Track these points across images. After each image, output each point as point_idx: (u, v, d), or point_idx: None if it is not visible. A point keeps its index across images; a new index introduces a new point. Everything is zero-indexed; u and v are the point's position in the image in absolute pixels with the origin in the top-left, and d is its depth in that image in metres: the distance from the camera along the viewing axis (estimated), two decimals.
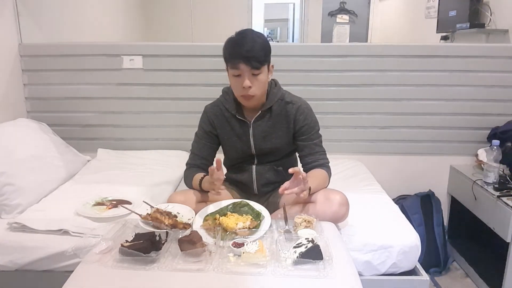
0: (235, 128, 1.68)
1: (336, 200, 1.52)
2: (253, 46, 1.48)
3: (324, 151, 1.68)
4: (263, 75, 1.53)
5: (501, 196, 1.96)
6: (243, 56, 1.47)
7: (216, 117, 1.69)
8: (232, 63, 1.50)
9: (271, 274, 1.17)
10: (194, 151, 1.73)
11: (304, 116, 1.65)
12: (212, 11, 4.67)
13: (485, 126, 2.42)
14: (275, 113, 1.65)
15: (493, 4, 2.90)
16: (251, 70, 1.49)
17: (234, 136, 1.69)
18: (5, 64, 2.29)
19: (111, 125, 2.51)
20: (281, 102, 1.66)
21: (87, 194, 1.85)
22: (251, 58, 1.47)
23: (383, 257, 1.59)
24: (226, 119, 1.68)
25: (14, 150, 1.87)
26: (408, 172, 2.53)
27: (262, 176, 1.72)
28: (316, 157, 1.65)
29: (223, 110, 1.68)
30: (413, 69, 2.38)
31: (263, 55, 1.50)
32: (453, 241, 2.44)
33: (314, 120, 1.68)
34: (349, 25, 5.27)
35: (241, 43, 1.49)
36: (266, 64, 1.54)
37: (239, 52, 1.48)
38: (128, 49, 2.41)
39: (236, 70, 1.50)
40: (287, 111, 1.65)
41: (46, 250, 1.53)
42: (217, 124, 1.70)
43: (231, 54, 1.51)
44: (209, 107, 1.73)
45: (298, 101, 1.68)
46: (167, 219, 1.38)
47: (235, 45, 1.51)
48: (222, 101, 1.70)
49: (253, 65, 1.48)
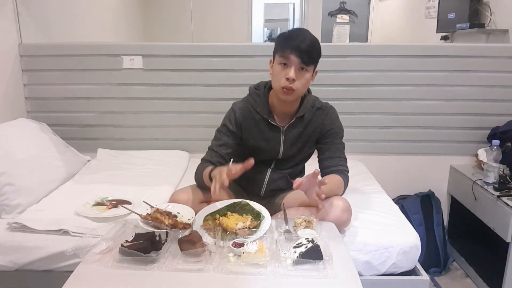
0: (265, 132, 1.65)
1: (339, 206, 1.51)
2: (308, 42, 1.48)
3: (345, 158, 1.66)
4: (308, 74, 1.52)
5: (501, 196, 1.96)
6: (297, 48, 1.46)
7: (244, 119, 1.64)
8: (283, 52, 1.48)
9: (271, 274, 1.17)
10: (213, 147, 1.65)
11: (331, 121, 1.66)
12: (212, 11, 4.67)
13: (485, 126, 2.42)
14: (306, 120, 1.65)
15: (493, 4, 2.90)
16: (299, 64, 1.48)
17: (262, 140, 1.65)
18: (5, 64, 2.29)
19: (111, 125, 2.51)
20: (313, 108, 1.65)
21: (87, 194, 1.85)
22: (303, 52, 1.46)
23: (383, 257, 1.59)
24: (255, 122, 1.64)
25: (14, 150, 1.87)
26: (408, 172, 2.53)
27: (274, 182, 1.71)
28: (336, 162, 1.62)
29: (253, 113, 1.64)
30: (413, 69, 2.39)
31: (315, 53, 1.51)
32: (453, 241, 2.45)
33: (340, 126, 1.68)
34: (349, 25, 5.28)
35: (298, 35, 1.50)
36: (314, 65, 1.54)
37: (294, 43, 1.47)
38: (128, 49, 2.41)
39: (284, 59, 1.49)
40: (317, 117, 1.65)
41: (46, 250, 1.53)
42: (244, 126, 1.65)
43: (284, 43, 1.49)
44: (239, 106, 1.67)
45: (327, 106, 1.69)
46: (167, 219, 1.38)
47: (292, 35, 1.51)
48: (252, 103, 1.65)
49: (303, 59, 1.47)
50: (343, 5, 5.72)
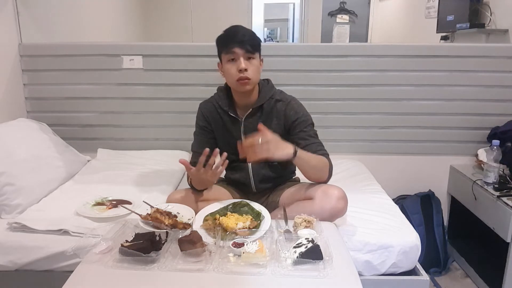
0: (227, 125, 1.71)
1: (334, 194, 1.52)
2: (245, 33, 1.58)
3: (320, 143, 1.66)
4: (256, 61, 1.61)
5: (501, 196, 1.96)
6: (238, 40, 1.56)
7: (210, 113, 1.73)
8: (228, 48, 1.57)
9: (271, 274, 1.17)
10: (193, 149, 1.74)
11: (294, 111, 1.66)
12: (212, 11, 4.68)
13: (485, 126, 2.42)
14: (265, 111, 1.68)
15: (493, 4, 2.90)
16: (245, 54, 1.56)
17: (226, 133, 1.71)
18: (5, 64, 2.29)
19: (111, 125, 2.51)
20: (272, 100, 1.68)
21: (87, 194, 1.85)
22: (245, 42, 1.56)
23: (383, 257, 1.59)
24: (219, 115, 1.71)
25: (14, 150, 1.87)
26: (408, 172, 2.53)
27: (259, 173, 1.73)
28: (313, 148, 1.62)
29: (216, 107, 1.72)
30: (413, 69, 2.38)
31: (255, 42, 1.60)
32: (453, 241, 2.44)
33: (306, 114, 1.69)
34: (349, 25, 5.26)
35: (235, 31, 1.60)
36: (258, 52, 1.62)
37: (234, 38, 1.57)
38: (128, 49, 2.41)
39: (231, 54, 1.57)
40: (277, 109, 1.68)
41: (46, 250, 1.53)
42: (211, 119, 1.73)
43: (226, 40, 1.59)
44: (203, 104, 1.77)
45: (288, 98, 1.71)
46: (167, 219, 1.38)
47: (228, 34, 1.60)
48: (216, 98, 1.74)
49: (247, 49, 1.56)
50: (343, 5, 5.72)
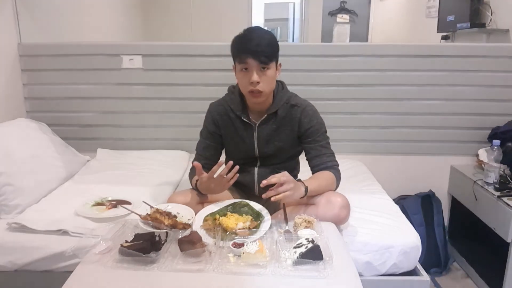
0: (239, 130, 1.66)
1: (338, 202, 1.51)
2: (261, 41, 1.48)
3: (332, 153, 1.65)
4: (271, 71, 1.53)
5: (502, 196, 1.96)
6: (252, 51, 1.47)
7: (220, 117, 1.68)
8: (240, 58, 1.50)
9: (271, 274, 1.16)
10: (198, 151, 1.71)
11: (308, 119, 1.63)
12: (212, 11, 4.67)
13: (485, 126, 2.42)
14: (280, 117, 1.64)
15: (494, 4, 2.90)
16: (259, 65, 1.49)
17: (238, 138, 1.67)
18: (4, 64, 2.29)
19: (110, 125, 2.51)
20: (287, 105, 1.64)
21: (86, 194, 1.85)
22: (259, 53, 1.47)
23: (384, 257, 1.58)
24: (231, 120, 1.66)
25: (13, 150, 1.86)
26: (409, 172, 2.52)
27: (265, 177, 1.69)
28: (323, 160, 1.62)
29: (228, 110, 1.66)
30: (413, 69, 2.38)
31: (271, 50, 1.51)
32: (453, 241, 2.44)
33: (320, 122, 1.66)
34: (349, 24, 5.27)
35: (249, 38, 1.50)
36: (274, 61, 1.54)
37: (247, 47, 1.48)
38: (128, 49, 2.41)
39: (244, 64, 1.50)
40: (292, 115, 1.64)
41: (45, 251, 1.53)
42: (221, 124, 1.68)
43: (239, 49, 1.51)
44: (214, 106, 1.71)
45: (303, 103, 1.66)
46: (166, 219, 1.37)
47: (243, 40, 1.51)
48: (228, 100, 1.68)
49: (261, 60, 1.48)
50: (343, 5, 5.72)
